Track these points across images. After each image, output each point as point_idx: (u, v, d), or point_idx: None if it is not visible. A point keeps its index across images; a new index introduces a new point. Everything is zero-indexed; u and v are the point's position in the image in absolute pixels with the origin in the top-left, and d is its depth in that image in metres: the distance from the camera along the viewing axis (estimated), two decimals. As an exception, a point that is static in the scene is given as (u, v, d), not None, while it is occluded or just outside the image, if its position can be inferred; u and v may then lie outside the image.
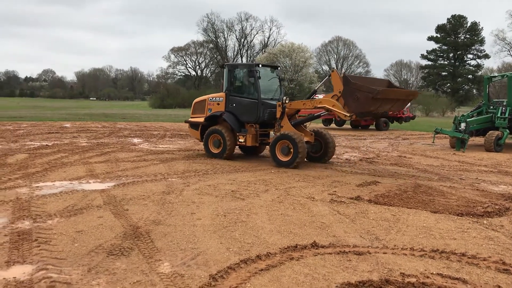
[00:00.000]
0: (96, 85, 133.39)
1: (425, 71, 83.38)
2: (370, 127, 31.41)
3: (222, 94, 13.32)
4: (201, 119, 13.62)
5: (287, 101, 12.38)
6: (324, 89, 72.60)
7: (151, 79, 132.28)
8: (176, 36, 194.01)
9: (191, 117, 14.17)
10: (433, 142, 20.25)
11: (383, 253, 5.40)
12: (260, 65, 13.20)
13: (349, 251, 5.40)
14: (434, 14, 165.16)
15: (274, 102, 12.65)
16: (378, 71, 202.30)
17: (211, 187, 9.01)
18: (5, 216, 6.57)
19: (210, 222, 6.54)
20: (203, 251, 5.31)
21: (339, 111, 11.31)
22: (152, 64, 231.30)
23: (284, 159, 11.88)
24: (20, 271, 4.58)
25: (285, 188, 9.16)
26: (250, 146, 13.09)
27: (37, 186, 8.69)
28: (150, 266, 4.81)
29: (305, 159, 12.56)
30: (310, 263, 5.02)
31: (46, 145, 15.28)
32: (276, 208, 7.45)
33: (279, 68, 14.20)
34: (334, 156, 14.77)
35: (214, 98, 13.47)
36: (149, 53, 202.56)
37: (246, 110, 12.79)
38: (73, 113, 41.24)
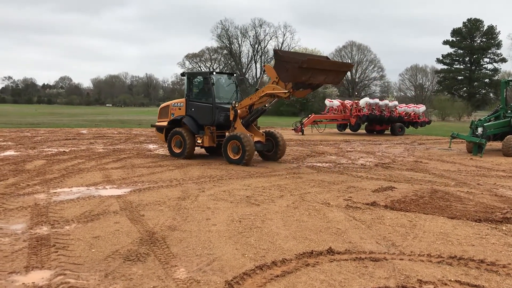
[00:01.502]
0: (112, 92, 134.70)
1: (441, 75, 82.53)
2: (385, 132, 31.20)
3: (183, 99, 14.69)
4: (165, 123, 14.89)
5: (236, 105, 13.47)
6: (339, 93, 72.35)
7: (166, 85, 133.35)
8: (191, 43, 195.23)
9: (158, 122, 15.42)
10: (450, 147, 20.03)
11: (400, 259, 5.35)
12: (215, 73, 14.59)
13: (366, 258, 5.36)
14: (449, 18, 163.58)
15: (229, 106, 13.79)
16: (393, 76, 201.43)
17: (226, 193, 9.03)
18: (24, 221, 6.67)
19: (225, 228, 6.55)
20: (218, 257, 5.32)
21: (279, 91, 12.53)
22: (167, 71, 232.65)
23: (234, 157, 13.13)
24: (38, 276, 4.64)
25: (300, 193, 9.14)
26: (210, 147, 14.34)
27: (55, 192, 8.80)
28: (166, 272, 4.83)
29: (260, 158, 14.35)
30: (326, 269, 4.99)
31: (63, 151, 15.48)
32: (291, 214, 7.43)
33: (235, 75, 15.51)
34: (349, 161, 14.71)
35: (176, 104, 14.90)
36: (164, 60, 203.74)
37: (203, 113, 14.11)
38: (89, 119, 41.73)
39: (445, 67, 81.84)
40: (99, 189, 9.27)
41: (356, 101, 30.80)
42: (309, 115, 30.78)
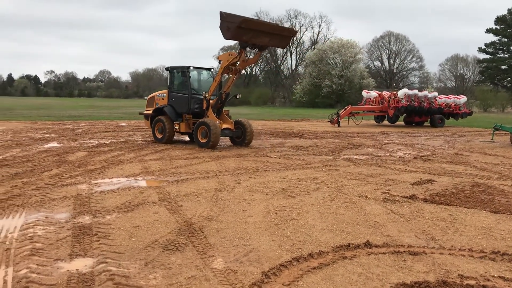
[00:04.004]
0: (150, 85, 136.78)
1: (483, 65, 79.65)
2: (425, 124, 30.48)
3: (166, 91, 16.50)
4: (151, 111, 16.76)
5: (206, 95, 15.04)
6: (376, 84, 71.07)
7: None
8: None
9: (145, 110, 17.36)
10: (492, 139, 19.39)
11: (440, 253, 5.23)
12: (192, 67, 16.11)
13: (404, 251, 5.27)
14: (491, 7, 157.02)
15: (202, 97, 15.40)
16: (432, 66, 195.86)
17: (262, 185, 9.06)
18: (67, 211, 6.91)
19: (261, 219, 6.58)
20: (255, 248, 5.35)
21: (232, 59, 14.38)
22: (204, 64, 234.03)
23: (203, 141, 14.73)
24: (82, 264, 4.80)
25: (336, 186, 9.06)
26: (187, 132, 15.90)
27: (96, 183, 9.06)
28: (204, 262, 4.91)
29: (232, 143, 16.06)
30: (364, 262, 4.94)
31: (104, 143, 15.90)
32: (327, 207, 7.39)
33: (212, 70, 17.28)
34: (387, 154, 14.48)
35: (161, 94, 16.79)
36: (200, 53, 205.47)
37: (181, 103, 15.85)
38: (128, 112, 42.59)
39: (488, 56, 78.85)
40: (138, 180, 9.48)
41: (394, 92, 30.18)
42: (346, 107, 30.42)
